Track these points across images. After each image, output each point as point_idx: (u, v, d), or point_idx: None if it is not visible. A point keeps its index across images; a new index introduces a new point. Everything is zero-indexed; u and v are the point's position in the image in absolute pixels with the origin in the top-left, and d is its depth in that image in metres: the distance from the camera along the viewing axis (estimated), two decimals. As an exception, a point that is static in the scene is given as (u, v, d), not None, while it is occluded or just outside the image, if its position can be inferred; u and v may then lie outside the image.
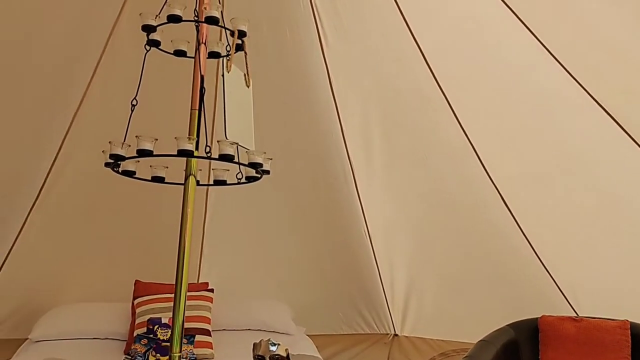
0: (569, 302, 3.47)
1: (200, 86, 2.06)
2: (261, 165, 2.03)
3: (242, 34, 2.08)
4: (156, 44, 2.11)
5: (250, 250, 4.04)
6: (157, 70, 2.21)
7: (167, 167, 2.23)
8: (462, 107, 3.22)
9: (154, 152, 1.92)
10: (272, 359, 1.93)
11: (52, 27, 2.99)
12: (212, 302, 3.51)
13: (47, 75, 3.14)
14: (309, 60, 3.30)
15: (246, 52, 2.14)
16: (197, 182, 2.06)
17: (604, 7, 2.65)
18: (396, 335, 4.10)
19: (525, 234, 3.41)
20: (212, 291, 3.61)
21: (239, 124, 2.07)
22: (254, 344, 1.97)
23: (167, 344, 3.05)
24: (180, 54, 2.17)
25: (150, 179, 2.19)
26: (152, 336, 3.10)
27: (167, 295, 3.40)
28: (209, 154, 1.89)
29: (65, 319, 3.48)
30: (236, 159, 1.96)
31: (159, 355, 3.03)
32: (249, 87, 2.17)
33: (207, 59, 2.11)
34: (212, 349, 3.20)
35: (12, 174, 3.40)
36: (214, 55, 2.13)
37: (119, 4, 3.01)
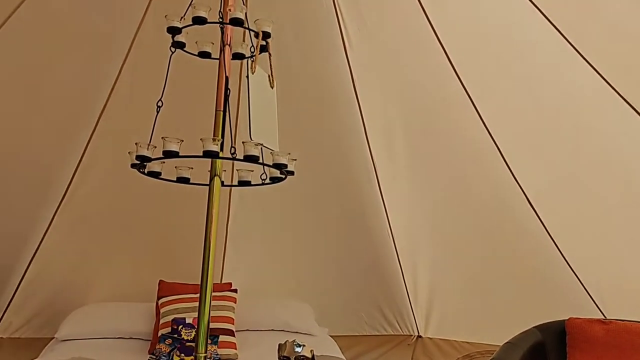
0: (596, 304, 3.42)
1: (225, 87, 2.07)
2: (286, 166, 2.03)
3: (266, 35, 2.08)
4: (181, 45, 2.11)
5: (272, 250, 4.04)
6: (181, 71, 2.21)
7: (192, 168, 2.24)
8: (486, 107, 3.19)
9: (180, 154, 1.93)
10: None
11: (77, 30, 3.03)
12: (235, 303, 3.52)
13: (72, 77, 3.18)
14: (332, 61, 3.29)
15: (270, 54, 2.13)
16: (221, 183, 2.06)
17: (633, 6, 2.62)
18: (420, 336, 4.08)
19: (551, 235, 3.38)
20: (235, 291, 3.62)
21: (264, 125, 2.07)
22: (279, 345, 1.97)
23: (191, 344, 3.07)
24: (204, 55, 2.17)
25: (175, 179, 2.21)
26: (176, 336, 3.11)
27: (191, 295, 3.42)
28: (234, 155, 1.89)
29: (90, 319, 3.52)
30: (260, 160, 1.96)
31: (183, 355, 3.05)
32: (273, 88, 2.17)
33: (231, 60, 2.12)
34: (236, 349, 3.21)
35: (39, 174, 3.45)
36: (237, 56, 2.13)
37: (143, 5, 3.03)
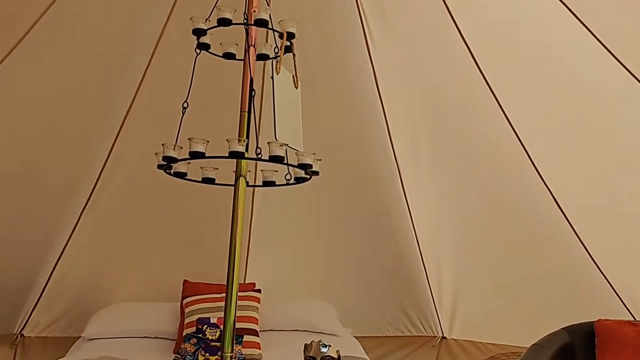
0: (625, 306, 3.36)
1: (249, 88, 2.07)
2: (311, 166, 2.03)
3: (290, 36, 2.08)
4: (206, 47, 2.12)
5: (295, 250, 4.04)
6: (204, 72, 2.22)
7: (217, 169, 2.24)
8: (512, 106, 3.15)
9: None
10: (322, 360, 1.93)
11: (102, 32, 3.06)
12: (259, 303, 3.53)
13: (97, 78, 3.21)
14: (355, 60, 3.28)
15: (294, 54, 2.13)
16: (246, 184, 2.07)
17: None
18: (444, 337, 4.04)
19: (578, 236, 3.32)
20: (259, 291, 3.63)
21: (288, 125, 2.07)
22: (305, 345, 1.97)
23: (216, 344, 3.08)
24: (229, 56, 2.17)
25: (200, 180, 2.22)
26: (201, 336, 3.13)
27: (215, 295, 3.43)
28: (260, 156, 1.89)
29: (116, 318, 3.56)
30: (285, 160, 1.96)
31: (207, 354, 3.06)
32: (297, 88, 2.17)
33: (255, 61, 2.12)
34: (260, 349, 3.22)
35: (65, 176, 3.49)
36: (262, 57, 2.14)
37: (168, 7, 3.05)
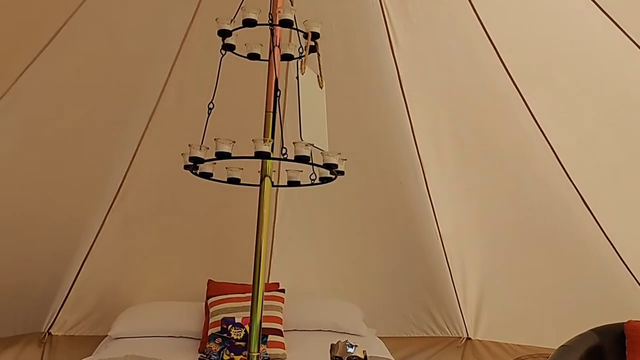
0: (655, 307, 3.30)
1: (274, 88, 2.08)
2: (336, 166, 2.03)
3: (315, 36, 2.08)
4: (231, 48, 2.13)
5: (319, 250, 4.04)
6: (228, 72, 2.23)
7: (242, 169, 2.25)
8: (538, 104, 3.11)
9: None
10: (349, 360, 1.92)
11: (127, 34, 3.08)
12: (283, 303, 3.53)
13: (121, 80, 3.23)
14: (379, 59, 3.26)
15: (319, 54, 2.13)
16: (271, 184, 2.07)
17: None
18: (469, 338, 4.01)
19: (607, 235, 3.27)
20: (283, 291, 3.63)
21: (313, 126, 2.07)
22: (332, 345, 1.96)
23: (241, 343, 3.09)
24: (254, 57, 2.18)
25: (226, 180, 2.23)
26: (225, 335, 3.14)
27: (239, 295, 3.45)
28: (285, 156, 1.90)
29: (142, 318, 3.59)
30: (310, 160, 1.96)
31: (232, 354, 3.08)
32: (322, 88, 2.17)
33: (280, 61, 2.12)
34: (285, 349, 3.22)
35: (90, 176, 3.52)
36: (286, 57, 2.14)
37: (192, 8, 3.07)
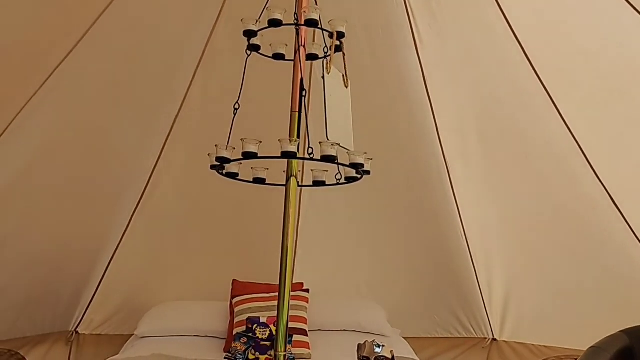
0: (686, 308, 3.23)
1: (300, 88, 2.08)
2: (362, 165, 2.02)
3: (340, 35, 2.08)
4: (256, 48, 2.14)
5: (343, 250, 4.04)
6: (253, 72, 2.23)
7: (268, 169, 2.25)
8: (566, 104, 3.05)
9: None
10: (376, 360, 1.91)
11: (153, 35, 3.10)
12: (308, 303, 3.54)
13: (147, 82, 3.25)
14: (403, 59, 3.25)
15: (344, 53, 2.13)
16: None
17: None
18: (495, 339, 3.97)
19: (636, 235, 3.20)
20: (307, 291, 3.64)
21: (339, 125, 2.06)
22: (359, 345, 1.96)
23: (266, 343, 3.10)
24: (279, 57, 2.18)
25: (251, 180, 2.23)
26: (251, 335, 3.15)
27: (263, 295, 3.46)
28: (312, 156, 1.90)
29: (167, 317, 3.62)
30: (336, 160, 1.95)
31: (258, 353, 3.09)
32: (347, 87, 2.16)
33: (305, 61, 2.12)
34: (309, 349, 3.23)
35: (117, 177, 3.56)
36: (311, 57, 2.14)
37: (216, 10, 3.08)
